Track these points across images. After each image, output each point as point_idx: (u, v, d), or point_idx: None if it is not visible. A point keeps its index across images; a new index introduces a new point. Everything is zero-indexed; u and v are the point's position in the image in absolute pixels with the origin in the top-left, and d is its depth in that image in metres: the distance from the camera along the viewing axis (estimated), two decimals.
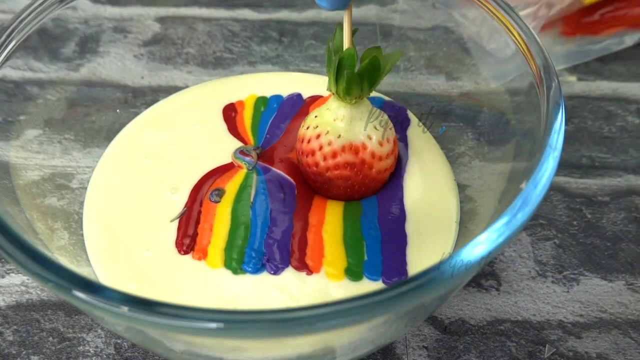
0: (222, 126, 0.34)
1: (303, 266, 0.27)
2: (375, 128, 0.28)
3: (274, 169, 0.31)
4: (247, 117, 0.34)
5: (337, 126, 0.28)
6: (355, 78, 0.26)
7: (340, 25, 0.27)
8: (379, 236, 0.28)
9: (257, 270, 0.27)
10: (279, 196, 0.30)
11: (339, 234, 0.28)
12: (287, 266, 0.27)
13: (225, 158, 0.32)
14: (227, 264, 0.27)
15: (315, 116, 0.29)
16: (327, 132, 0.28)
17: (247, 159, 0.31)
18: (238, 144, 0.33)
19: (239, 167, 0.31)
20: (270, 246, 0.28)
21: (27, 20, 0.28)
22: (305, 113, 0.34)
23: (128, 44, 0.38)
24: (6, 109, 0.29)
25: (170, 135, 0.33)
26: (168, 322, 0.17)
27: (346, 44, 0.27)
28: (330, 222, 0.29)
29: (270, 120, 0.34)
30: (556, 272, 0.31)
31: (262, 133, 0.33)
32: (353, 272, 0.27)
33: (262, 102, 0.35)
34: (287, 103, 0.35)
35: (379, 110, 0.29)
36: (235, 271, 0.27)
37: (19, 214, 0.25)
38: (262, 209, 0.29)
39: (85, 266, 0.27)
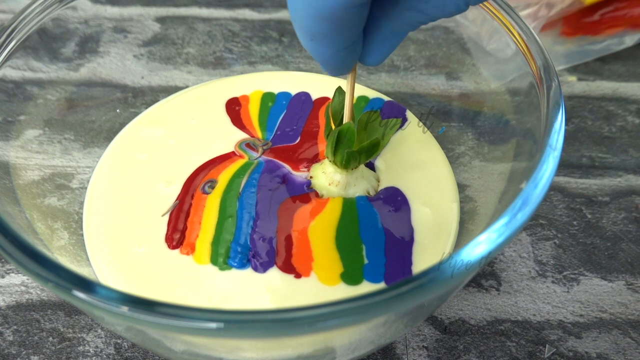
0: (225, 119, 0.34)
1: (290, 269, 0.27)
2: (369, 193, 0.29)
3: (276, 160, 0.31)
4: (252, 111, 0.34)
5: (332, 190, 0.29)
6: (354, 155, 0.27)
7: (340, 88, 0.28)
8: (383, 238, 0.28)
9: (242, 265, 0.27)
10: (270, 188, 0.30)
11: (331, 239, 0.28)
12: (272, 265, 0.27)
13: (227, 149, 0.32)
14: (214, 260, 0.27)
15: (311, 177, 0.30)
16: (322, 195, 0.29)
17: (252, 151, 0.31)
18: (242, 135, 0.33)
19: (240, 156, 0.31)
20: (256, 241, 0.28)
21: (27, 20, 0.28)
22: (316, 116, 0.34)
23: (128, 44, 0.38)
24: (6, 109, 0.29)
25: (169, 130, 0.33)
26: (168, 322, 0.17)
27: (346, 117, 0.27)
28: (320, 225, 0.28)
29: (281, 117, 0.34)
30: (556, 272, 0.31)
31: (272, 128, 0.33)
32: (351, 276, 0.27)
33: (269, 98, 0.35)
34: (295, 101, 0.35)
35: (373, 175, 0.30)
36: (221, 267, 0.27)
37: (19, 214, 0.25)
38: (249, 201, 0.29)
39: (85, 266, 0.27)
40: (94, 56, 0.36)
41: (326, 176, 0.29)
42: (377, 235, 0.28)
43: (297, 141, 0.32)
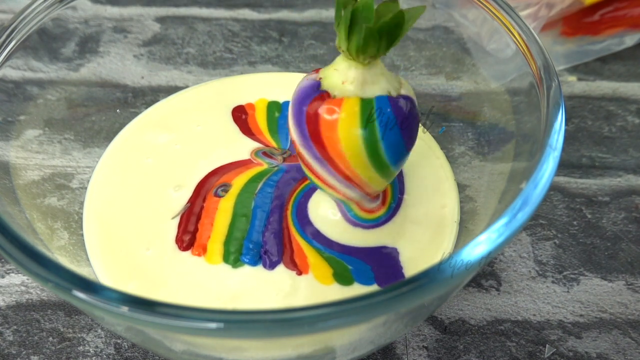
0: (233, 127, 0.34)
1: (293, 265, 0.27)
2: (390, 93, 0.24)
3: (298, 164, 0.31)
4: (260, 120, 0.34)
5: (346, 89, 0.24)
6: (374, 34, 0.22)
7: None
8: (361, 262, 0.28)
9: (255, 262, 0.27)
10: (289, 184, 0.30)
11: (308, 246, 0.28)
12: (280, 262, 0.27)
13: (240, 156, 0.32)
14: (226, 258, 0.27)
15: (320, 78, 0.24)
16: (335, 95, 0.24)
17: (271, 160, 0.31)
18: (255, 144, 0.33)
19: (258, 164, 0.31)
20: (267, 238, 0.28)
21: (27, 20, 0.28)
22: None
23: (128, 44, 0.38)
24: (6, 109, 0.29)
25: (174, 136, 0.33)
26: (168, 322, 0.17)
27: None
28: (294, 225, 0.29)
29: None
30: (556, 272, 0.31)
31: (286, 139, 0.33)
32: (341, 277, 0.27)
33: (275, 107, 0.35)
34: None
35: (393, 75, 0.25)
36: (233, 264, 0.27)
37: (19, 214, 0.25)
38: (265, 200, 0.29)
39: (85, 266, 0.27)
40: (94, 56, 0.36)
41: (339, 73, 0.24)
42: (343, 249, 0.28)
43: None
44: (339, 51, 0.24)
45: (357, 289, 0.26)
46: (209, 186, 0.30)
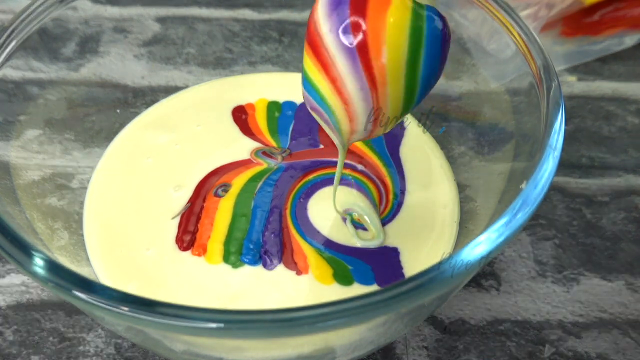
0: (233, 127, 0.34)
1: (293, 265, 0.27)
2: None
3: (299, 161, 0.31)
4: (260, 120, 0.34)
5: None
6: None
7: None
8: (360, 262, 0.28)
9: (255, 262, 0.27)
10: (285, 186, 0.30)
11: (308, 246, 0.28)
12: (280, 262, 0.27)
13: (240, 156, 0.32)
14: (226, 259, 0.27)
15: None
16: None
17: (271, 159, 0.31)
18: (255, 144, 0.33)
19: (258, 164, 0.31)
20: (268, 238, 0.28)
21: (27, 20, 0.28)
22: None
23: (128, 44, 0.38)
24: (6, 109, 0.29)
25: (174, 136, 0.33)
26: (168, 322, 0.17)
27: None
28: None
29: (291, 127, 0.34)
30: (556, 272, 0.31)
31: (286, 138, 0.33)
32: (341, 277, 0.27)
33: (275, 107, 0.35)
34: (301, 111, 0.35)
35: None
36: (234, 264, 0.27)
37: (19, 214, 0.25)
38: (265, 199, 0.29)
39: (85, 266, 0.27)
40: (94, 56, 0.36)
41: None
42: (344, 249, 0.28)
43: (321, 147, 0.32)
44: None
45: (357, 289, 0.26)
46: (209, 186, 0.30)
